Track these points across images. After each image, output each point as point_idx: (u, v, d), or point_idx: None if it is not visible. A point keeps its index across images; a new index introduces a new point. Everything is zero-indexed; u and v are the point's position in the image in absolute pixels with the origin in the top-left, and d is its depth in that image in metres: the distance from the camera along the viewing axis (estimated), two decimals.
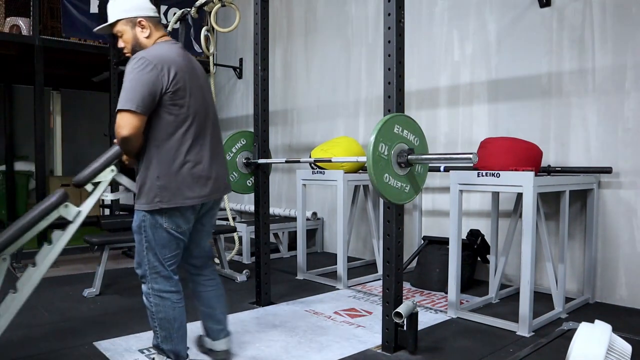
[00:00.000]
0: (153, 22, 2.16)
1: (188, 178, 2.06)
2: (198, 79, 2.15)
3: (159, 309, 2.13)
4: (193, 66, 2.15)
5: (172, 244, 2.13)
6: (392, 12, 2.50)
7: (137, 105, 1.92)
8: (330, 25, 5.48)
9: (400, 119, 2.32)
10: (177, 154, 2.04)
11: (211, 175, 2.15)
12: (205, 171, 2.12)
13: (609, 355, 1.91)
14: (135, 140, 2.00)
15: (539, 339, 2.74)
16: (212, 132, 2.19)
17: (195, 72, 2.14)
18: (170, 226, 2.09)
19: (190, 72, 2.10)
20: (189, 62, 2.13)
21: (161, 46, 2.10)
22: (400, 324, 2.53)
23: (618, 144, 3.41)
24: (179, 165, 2.05)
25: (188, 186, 2.06)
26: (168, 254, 2.13)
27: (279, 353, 2.57)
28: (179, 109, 2.03)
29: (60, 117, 8.67)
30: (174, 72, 2.00)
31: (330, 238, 5.48)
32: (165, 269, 2.13)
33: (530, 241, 2.83)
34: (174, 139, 2.04)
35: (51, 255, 2.19)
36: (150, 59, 1.98)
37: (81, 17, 6.03)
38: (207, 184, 2.13)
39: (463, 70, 4.26)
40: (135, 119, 1.94)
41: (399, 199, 2.32)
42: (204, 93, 2.17)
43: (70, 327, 2.99)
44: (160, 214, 2.06)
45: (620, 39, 3.38)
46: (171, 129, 2.03)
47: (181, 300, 2.19)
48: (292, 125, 5.93)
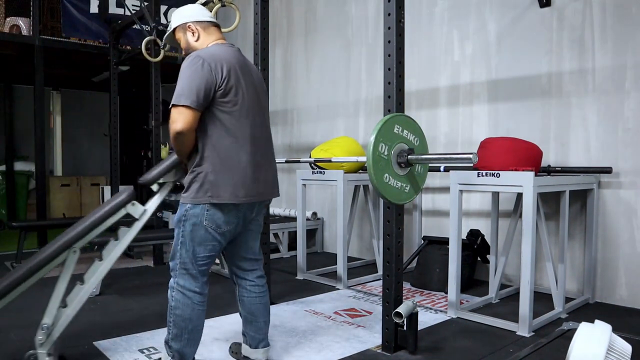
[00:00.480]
0: (202, 26, 2.25)
1: (238, 176, 2.06)
2: (252, 79, 2.17)
3: (177, 305, 2.10)
4: (247, 67, 2.18)
5: (207, 244, 2.09)
6: (392, 12, 2.50)
7: (191, 100, 1.95)
8: (330, 25, 5.48)
9: (400, 119, 2.32)
10: (229, 151, 2.05)
11: (260, 176, 2.14)
12: (255, 171, 2.12)
13: (609, 355, 1.91)
14: (188, 135, 2.00)
15: (539, 339, 2.74)
16: (263, 133, 2.21)
17: (249, 73, 2.16)
18: (209, 224, 2.06)
19: (244, 72, 2.12)
20: (243, 63, 2.16)
21: (215, 47, 2.15)
22: (400, 324, 2.53)
23: (618, 144, 3.41)
24: (232, 163, 2.05)
25: (237, 185, 2.05)
26: (201, 253, 2.10)
27: (279, 353, 2.57)
28: (232, 107, 2.05)
29: (60, 117, 8.67)
30: (226, 70, 2.03)
31: (330, 238, 5.48)
32: (194, 268, 2.10)
33: (530, 241, 2.83)
34: (227, 137, 2.05)
35: (117, 250, 2.31)
36: (203, 56, 2.02)
37: (81, 17, 6.03)
38: (256, 185, 2.12)
39: (463, 70, 4.26)
40: (190, 114, 1.97)
41: (399, 199, 2.31)
42: (258, 94, 2.20)
43: (70, 327, 2.98)
44: (203, 210, 2.05)
45: (620, 39, 3.38)
46: (225, 127, 2.05)
47: (203, 304, 2.15)
48: (292, 125, 5.93)
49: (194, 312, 2.11)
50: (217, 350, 2.60)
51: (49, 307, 2.27)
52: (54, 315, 2.26)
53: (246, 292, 2.32)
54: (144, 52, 4.22)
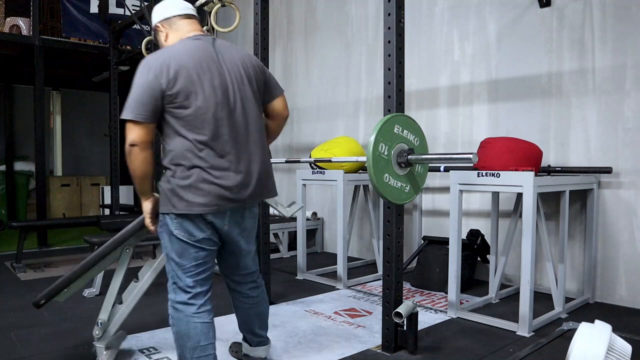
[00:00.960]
0: (168, 22, 2.06)
1: (195, 184, 1.86)
2: (224, 73, 1.94)
3: (173, 322, 1.96)
4: (217, 60, 1.95)
5: (189, 254, 1.93)
6: (392, 12, 2.50)
7: (135, 114, 1.81)
8: (330, 25, 5.48)
9: (400, 119, 2.32)
10: (183, 159, 1.87)
11: (228, 183, 1.90)
12: (220, 178, 1.89)
13: (609, 355, 1.91)
14: (141, 151, 1.84)
15: (539, 339, 2.74)
16: (240, 132, 1.96)
17: (218, 67, 1.93)
18: (181, 233, 1.91)
19: (209, 67, 1.91)
20: (209, 56, 1.93)
21: (178, 44, 1.96)
22: (400, 324, 2.53)
23: (618, 144, 3.41)
24: (185, 170, 1.88)
25: (194, 193, 1.86)
26: (186, 263, 1.93)
27: (279, 353, 2.57)
28: (183, 111, 1.86)
29: (60, 117, 8.68)
30: (173, 72, 1.84)
31: (330, 238, 5.48)
32: (183, 280, 1.94)
33: (530, 241, 2.83)
34: (180, 142, 1.88)
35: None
36: (150, 60, 1.88)
37: (81, 17, 6.04)
38: (220, 192, 1.89)
39: (463, 70, 4.26)
40: (136, 128, 1.82)
41: (399, 199, 2.31)
42: (226, 89, 1.93)
43: (70, 327, 2.99)
44: (172, 219, 1.92)
45: (620, 39, 3.38)
46: (178, 132, 1.88)
47: (200, 316, 1.94)
48: (292, 125, 5.93)
49: (190, 326, 1.92)
50: (217, 350, 2.59)
51: (105, 303, 2.39)
52: (109, 311, 2.38)
53: (239, 302, 2.25)
54: (144, 52, 4.22)
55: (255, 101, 2.04)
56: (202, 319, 1.95)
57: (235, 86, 1.97)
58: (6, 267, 4.68)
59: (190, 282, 1.95)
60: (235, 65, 1.99)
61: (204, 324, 1.94)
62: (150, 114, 1.84)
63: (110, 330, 2.39)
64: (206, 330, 1.95)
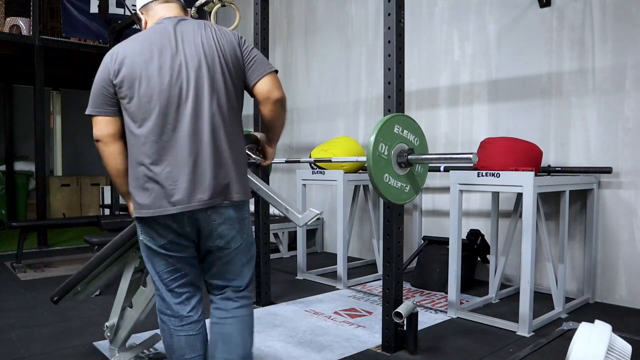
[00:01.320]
0: (146, 9, 1.87)
1: (141, 184, 1.68)
2: (170, 57, 1.68)
3: (160, 332, 1.83)
4: (166, 44, 1.69)
5: (157, 260, 1.75)
6: (392, 12, 2.50)
7: (92, 109, 1.74)
8: (330, 25, 5.48)
9: (400, 119, 2.32)
10: (132, 154, 1.71)
11: (170, 183, 1.65)
12: (161, 175, 1.65)
13: (609, 355, 1.91)
14: (104, 144, 1.74)
15: (539, 339, 2.74)
16: (193, 125, 1.66)
17: (166, 51, 1.68)
18: (146, 238, 1.74)
19: (153, 52, 1.68)
20: (159, 40, 1.70)
21: (143, 32, 1.81)
22: (400, 324, 2.53)
23: (618, 144, 3.41)
24: (134, 169, 1.71)
25: (141, 193, 1.68)
26: (160, 269, 1.76)
27: (279, 353, 2.57)
28: (129, 102, 1.68)
29: (60, 117, 8.68)
30: (119, 60, 1.68)
31: (330, 238, 5.48)
32: (160, 289, 1.78)
33: (530, 241, 2.83)
34: (129, 137, 1.71)
35: None
36: (109, 53, 1.75)
37: (81, 17, 6.04)
38: (164, 192, 1.65)
39: (463, 70, 4.26)
40: (95, 122, 1.73)
41: (399, 199, 2.32)
42: (177, 75, 1.67)
43: (70, 327, 2.99)
44: (136, 223, 1.78)
45: (620, 39, 3.38)
46: (128, 127, 1.71)
47: (184, 329, 1.77)
48: (292, 125, 5.93)
49: (172, 339, 1.77)
50: None
51: (114, 307, 2.37)
52: (118, 315, 2.35)
53: (211, 315, 1.85)
54: None
55: (224, 89, 1.72)
56: (186, 332, 1.78)
57: (191, 72, 1.68)
58: (6, 267, 4.68)
59: (165, 290, 1.77)
60: (196, 49, 1.70)
61: (188, 337, 1.78)
62: (103, 107, 1.71)
63: (120, 335, 2.37)
64: (192, 342, 1.78)
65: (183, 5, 1.90)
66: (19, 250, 4.57)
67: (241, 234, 1.79)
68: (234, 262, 1.81)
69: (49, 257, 5.19)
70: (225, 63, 1.73)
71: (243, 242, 1.80)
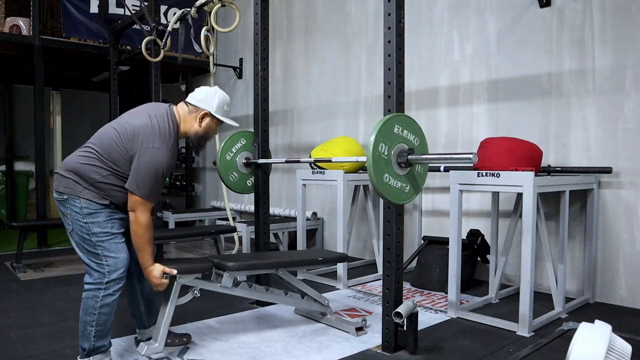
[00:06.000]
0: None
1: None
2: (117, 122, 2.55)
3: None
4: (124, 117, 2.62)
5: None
6: (392, 12, 2.50)
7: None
8: (330, 25, 5.48)
9: (400, 119, 2.32)
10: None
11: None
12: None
13: (609, 355, 1.91)
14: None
15: (539, 339, 2.74)
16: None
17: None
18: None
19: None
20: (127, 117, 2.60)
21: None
22: (400, 324, 2.53)
23: (618, 144, 3.41)
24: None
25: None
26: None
27: (279, 353, 2.57)
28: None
29: (60, 117, 8.67)
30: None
31: (330, 238, 5.48)
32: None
33: (530, 241, 2.83)
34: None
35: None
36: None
37: (81, 17, 6.03)
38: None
39: (463, 70, 4.26)
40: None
41: (399, 199, 2.31)
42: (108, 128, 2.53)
43: (70, 327, 2.99)
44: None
45: (620, 39, 3.38)
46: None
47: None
48: (292, 125, 5.93)
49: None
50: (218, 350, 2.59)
51: (155, 333, 2.57)
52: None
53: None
54: (144, 52, 4.22)
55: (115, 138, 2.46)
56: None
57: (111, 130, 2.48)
58: (6, 267, 4.67)
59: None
60: (122, 122, 2.56)
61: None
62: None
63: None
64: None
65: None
66: (18, 250, 4.57)
67: (68, 225, 2.55)
68: (75, 248, 2.67)
69: (49, 257, 5.19)
70: (121, 129, 2.57)
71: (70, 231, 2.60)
